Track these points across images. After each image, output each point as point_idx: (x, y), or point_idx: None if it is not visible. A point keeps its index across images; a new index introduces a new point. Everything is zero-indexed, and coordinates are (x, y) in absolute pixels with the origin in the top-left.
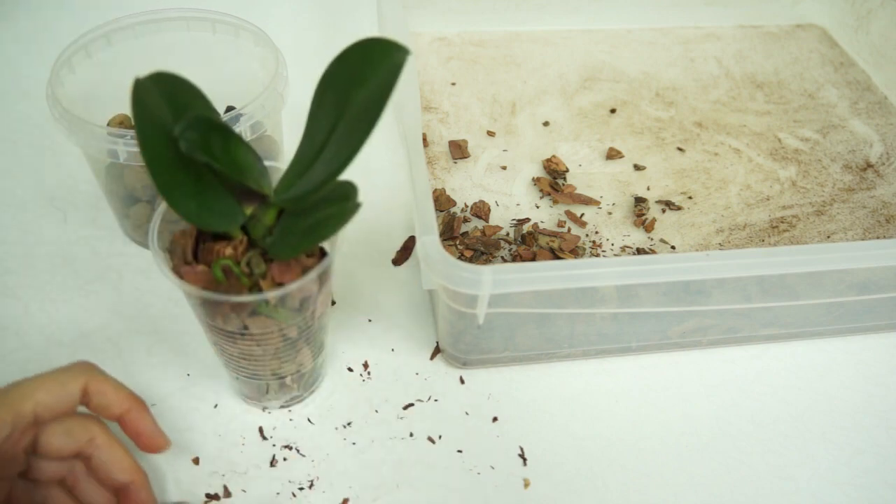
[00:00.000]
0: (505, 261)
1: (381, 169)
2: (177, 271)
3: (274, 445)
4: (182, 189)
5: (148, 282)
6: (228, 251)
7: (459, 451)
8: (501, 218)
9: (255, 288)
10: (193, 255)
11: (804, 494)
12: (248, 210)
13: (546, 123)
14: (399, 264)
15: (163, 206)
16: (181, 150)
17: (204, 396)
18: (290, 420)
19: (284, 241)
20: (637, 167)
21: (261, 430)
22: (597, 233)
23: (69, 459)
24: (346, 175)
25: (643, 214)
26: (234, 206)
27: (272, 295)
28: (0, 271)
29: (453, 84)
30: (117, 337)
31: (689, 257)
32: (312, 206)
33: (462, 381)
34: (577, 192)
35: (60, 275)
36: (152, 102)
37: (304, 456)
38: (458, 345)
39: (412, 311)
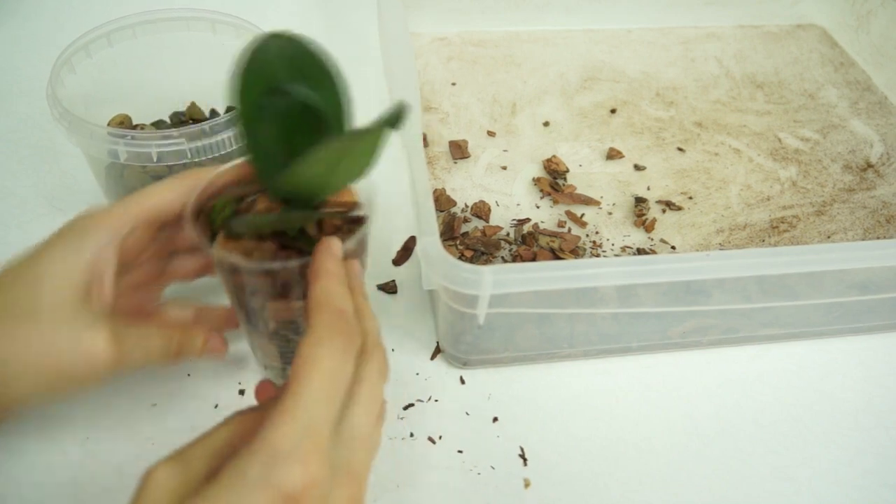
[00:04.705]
0: (505, 261)
1: (381, 169)
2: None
3: None
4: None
5: None
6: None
7: (460, 452)
8: (501, 218)
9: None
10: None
11: (805, 495)
12: None
13: (546, 123)
14: (399, 264)
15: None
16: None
17: (204, 396)
18: None
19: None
20: (637, 167)
21: None
22: (597, 233)
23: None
24: None
25: (643, 214)
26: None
27: (349, 245)
28: None
29: (453, 84)
30: None
31: (690, 257)
32: None
33: (462, 382)
34: (577, 192)
35: None
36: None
37: None
38: (459, 345)
39: (412, 311)
